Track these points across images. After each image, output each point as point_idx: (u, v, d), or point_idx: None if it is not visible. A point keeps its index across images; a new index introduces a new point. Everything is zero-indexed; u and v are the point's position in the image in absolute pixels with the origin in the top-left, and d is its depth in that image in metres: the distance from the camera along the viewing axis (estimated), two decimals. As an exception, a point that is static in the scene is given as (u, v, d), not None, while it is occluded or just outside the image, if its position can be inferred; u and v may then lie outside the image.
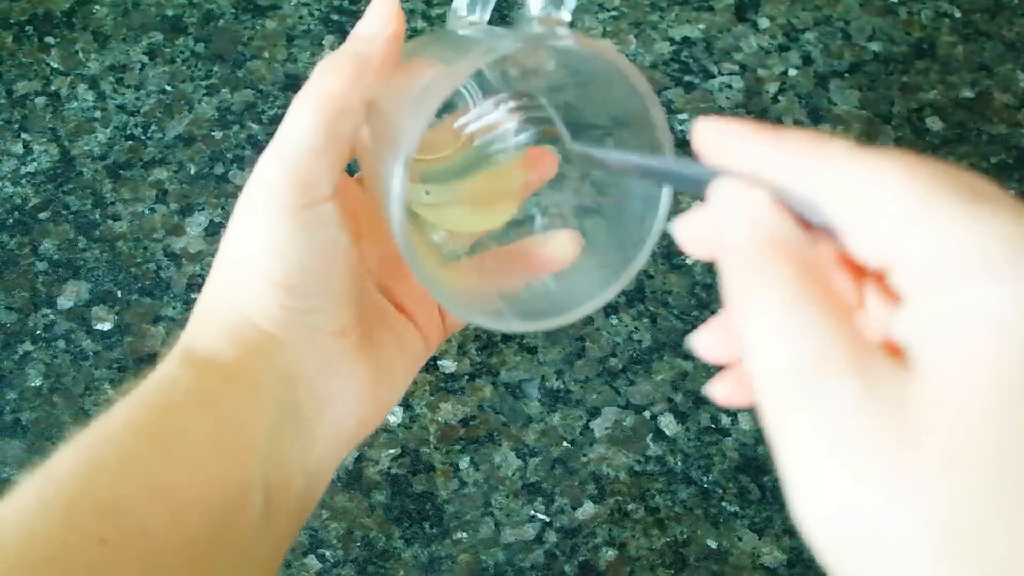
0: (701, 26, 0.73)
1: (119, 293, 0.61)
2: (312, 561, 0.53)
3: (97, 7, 0.73)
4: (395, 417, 0.57)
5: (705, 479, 0.56)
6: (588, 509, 0.55)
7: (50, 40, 0.72)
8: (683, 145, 0.71)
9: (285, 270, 0.31)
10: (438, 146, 0.38)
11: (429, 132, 0.37)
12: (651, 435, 0.57)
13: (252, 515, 0.30)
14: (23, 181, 0.65)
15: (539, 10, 0.31)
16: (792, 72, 0.71)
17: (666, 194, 0.31)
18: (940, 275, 0.20)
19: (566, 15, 0.31)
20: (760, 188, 0.23)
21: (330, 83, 0.31)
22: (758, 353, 0.22)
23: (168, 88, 0.69)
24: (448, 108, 0.38)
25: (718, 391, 0.28)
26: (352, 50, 0.32)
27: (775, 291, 0.22)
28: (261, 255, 0.32)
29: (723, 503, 0.55)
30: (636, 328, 0.60)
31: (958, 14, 0.75)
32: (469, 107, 0.38)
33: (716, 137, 0.25)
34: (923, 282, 0.21)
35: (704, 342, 0.27)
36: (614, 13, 0.73)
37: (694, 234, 0.25)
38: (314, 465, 0.34)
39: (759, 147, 0.24)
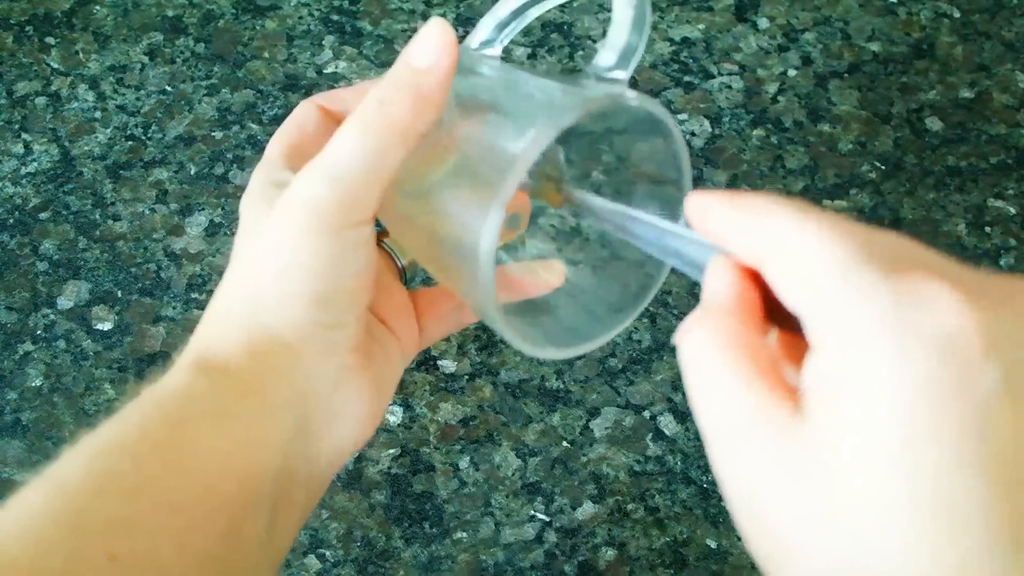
0: (701, 26, 0.73)
1: (119, 293, 0.61)
2: (312, 561, 0.53)
3: (97, 7, 0.73)
4: (395, 417, 0.57)
5: (705, 479, 0.56)
6: (588, 509, 0.55)
7: (50, 40, 0.72)
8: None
9: (323, 289, 0.32)
10: (431, 162, 0.38)
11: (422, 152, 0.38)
12: (651, 435, 0.57)
13: (257, 531, 0.30)
14: (23, 181, 0.65)
15: (606, 66, 0.32)
16: (792, 72, 0.71)
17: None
18: (842, 331, 0.23)
19: (626, 74, 0.32)
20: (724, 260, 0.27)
21: (393, 113, 0.31)
22: (698, 411, 0.26)
23: (168, 88, 0.69)
24: None
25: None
26: (411, 82, 0.31)
27: (704, 360, 0.26)
28: (299, 272, 0.31)
29: (723, 503, 0.55)
30: (636, 328, 0.61)
31: (958, 14, 0.75)
32: None
33: (696, 207, 0.28)
34: (826, 335, 0.23)
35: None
36: (614, 13, 0.73)
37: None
38: (316, 479, 0.34)
39: (723, 212, 0.27)
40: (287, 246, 0.31)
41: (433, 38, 0.31)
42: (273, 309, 0.32)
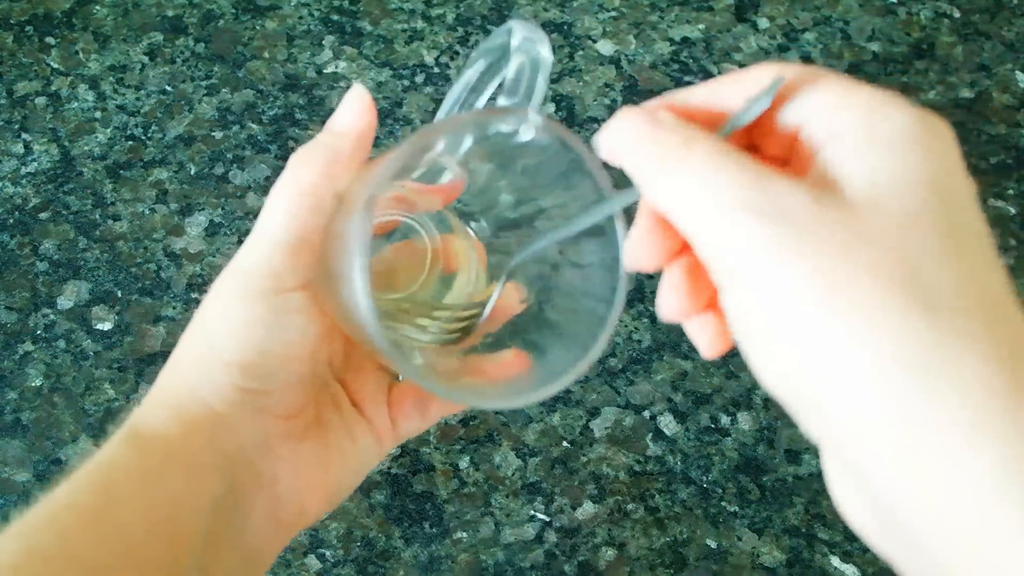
0: (701, 26, 0.73)
1: (119, 293, 0.61)
2: (312, 561, 0.53)
3: (97, 7, 0.73)
4: (395, 417, 0.57)
5: (705, 479, 0.56)
6: (588, 509, 0.55)
7: (50, 40, 0.72)
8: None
9: (243, 351, 0.32)
10: (405, 283, 0.39)
11: (389, 267, 0.38)
12: (651, 435, 0.57)
13: None
14: (23, 181, 0.65)
15: (507, 102, 0.33)
16: (792, 72, 0.71)
17: (621, 291, 0.33)
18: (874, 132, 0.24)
19: (532, 112, 0.32)
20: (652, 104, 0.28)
21: (303, 176, 0.32)
22: (704, 186, 0.24)
23: (168, 88, 0.69)
24: (405, 237, 0.38)
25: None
26: (326, 143, 0.33)
27: (700, 150, 0.25)
28: (221, 334, 0.32)
29: (723, 503, 0.55)
30: (636, 328, 0.61)
31: (958, 14, 0.75)
32: (426, 241, 0.39)
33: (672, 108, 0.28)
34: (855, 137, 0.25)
35: (667, 302, 0.28)
36: (614, 13, 0.73)
37: (644, 240, 0.28)
38: (251, 547, 0.33)
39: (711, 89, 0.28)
40: (217, 312, 0.33)
41: (353, 103, 0.33)
42: (202, 374, 0.32)
